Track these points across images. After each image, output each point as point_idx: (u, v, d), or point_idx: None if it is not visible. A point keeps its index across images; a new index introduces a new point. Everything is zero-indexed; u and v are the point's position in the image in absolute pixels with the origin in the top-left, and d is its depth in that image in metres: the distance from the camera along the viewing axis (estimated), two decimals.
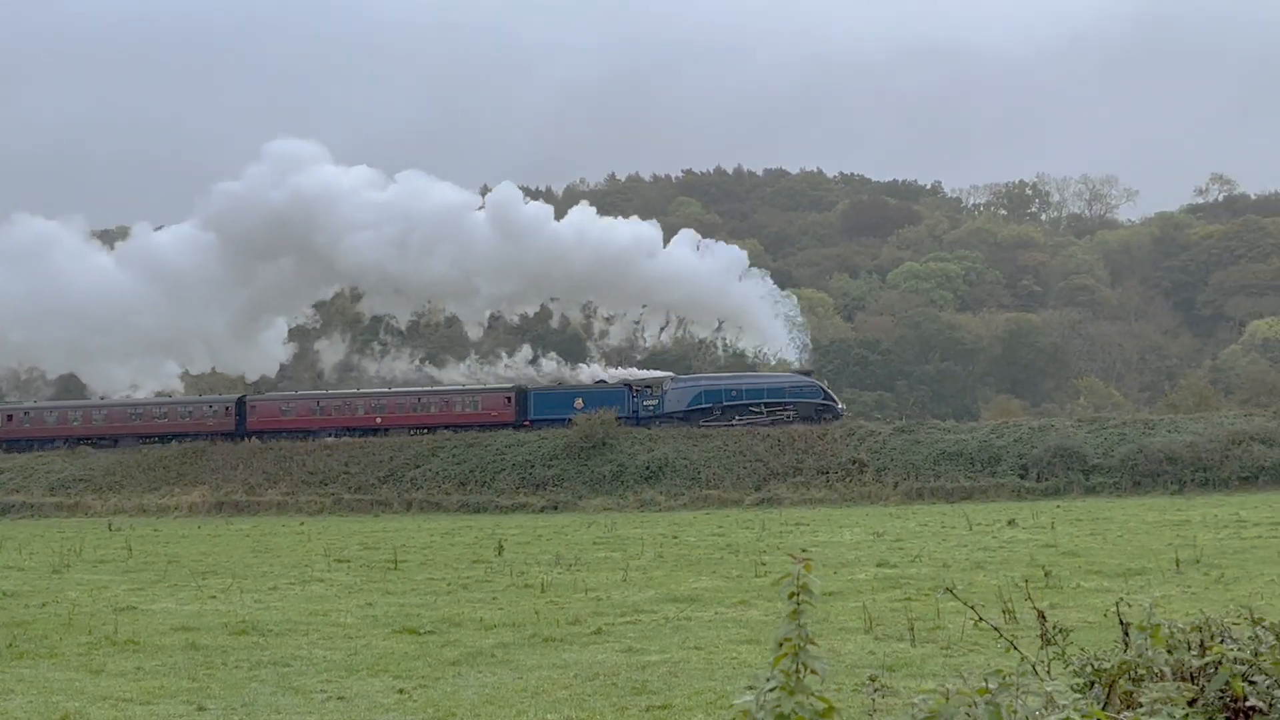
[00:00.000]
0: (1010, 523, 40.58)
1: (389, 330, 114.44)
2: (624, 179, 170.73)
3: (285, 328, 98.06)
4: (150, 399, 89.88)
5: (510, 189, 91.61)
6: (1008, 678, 3.75)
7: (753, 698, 3.71)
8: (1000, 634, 4.55)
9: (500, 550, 33.25)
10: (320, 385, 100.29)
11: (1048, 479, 62.91)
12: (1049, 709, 3.67)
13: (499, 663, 15.85)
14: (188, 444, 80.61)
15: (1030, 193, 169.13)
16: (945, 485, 63.46)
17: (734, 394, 76.20)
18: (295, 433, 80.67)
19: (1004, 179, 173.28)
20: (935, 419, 72.98)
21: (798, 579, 3.91)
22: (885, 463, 66.25)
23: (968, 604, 4.76)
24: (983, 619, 4.68)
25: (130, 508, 70.84)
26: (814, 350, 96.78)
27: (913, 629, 16.53)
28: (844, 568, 27.04)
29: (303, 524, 57.25)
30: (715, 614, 19.93)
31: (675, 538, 39.35)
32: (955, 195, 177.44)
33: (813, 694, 3.69)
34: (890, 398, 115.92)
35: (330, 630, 19.19)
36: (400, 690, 14.07)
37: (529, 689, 13.97)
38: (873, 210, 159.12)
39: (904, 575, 24.82)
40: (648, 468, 68.68)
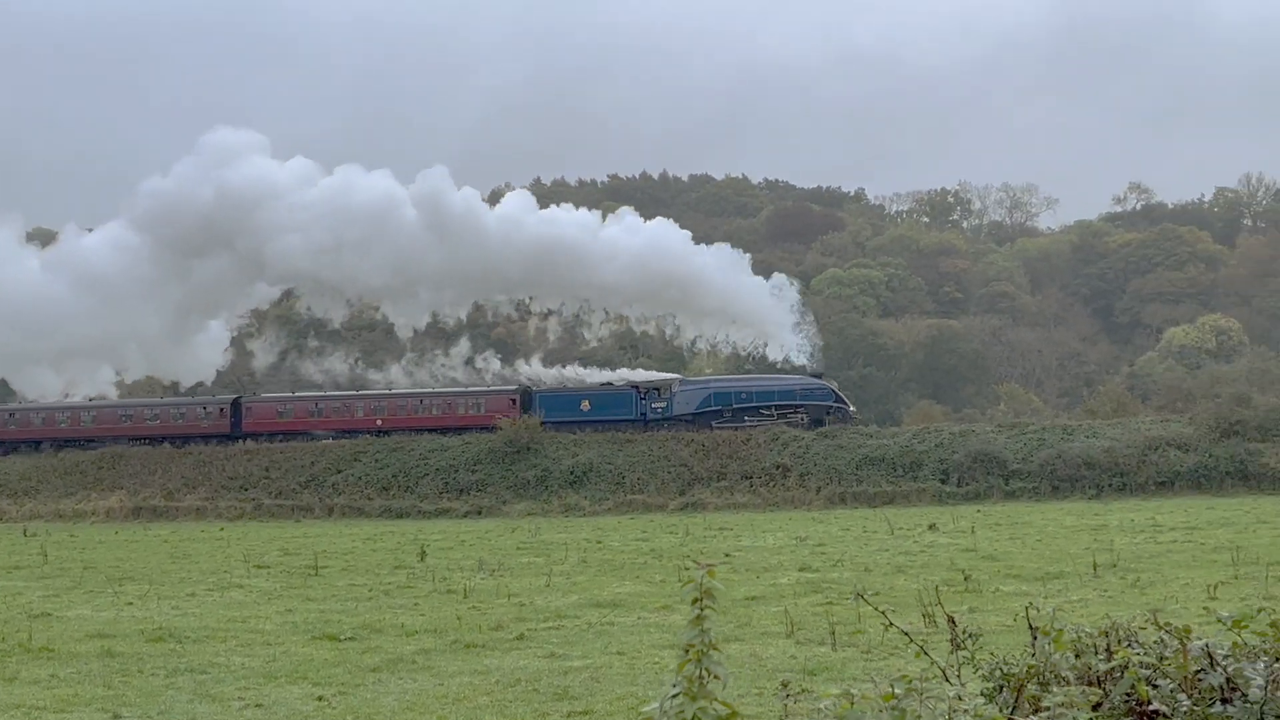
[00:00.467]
0: (931, 527, 40.92)
1: (320, 331, 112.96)
2: (549, 183, 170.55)
3: (222, 330, 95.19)
4: (143, 400, 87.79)
5: (441, 175, 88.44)
6: (914, 683, 3.78)
7: (657, 704, 3.71)
8: (910, 639, 4.57)
9: (423, 556, 33.09)
10: (252, 388, 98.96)
11: (968, 484, 63.54)
12: (953, 714, 3.70)
13: (420, 669, 15.78)
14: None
15: (952, 200, 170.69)
16: (868, 490, 63.89)
17: (744, 396, 75.02)
18: (293, 435, 78.62)
19: (928, 186, 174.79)
20: (859, 424, 73.23)
21: (701, 584, 3.91)
22: (808, 467, 66.58)
23: (879, 609, 4.79)
24: (893, 624, 4.71)
25: (46, 513, 69.65)
26: (740, 356, 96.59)
27: (834, 633, 16.63)
28: (767, 572, 27.17)
29: (222, 530, 56.62)
30: (638, 619, 19.95)
31: (599, 543, 39.34)
32: (879, 202, 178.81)
33: (715, 699, 3.70)
34: None
35: (249, 637, 19.01)
36: (319, 698, 13.97)
37: (450, 695, 13.92)
38: (797, 217, 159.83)
39: (826, 579, 24.98)
40: (572, 472, 68.56)
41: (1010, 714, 3.99)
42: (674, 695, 3.68)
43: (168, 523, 65.31)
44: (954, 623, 5.00)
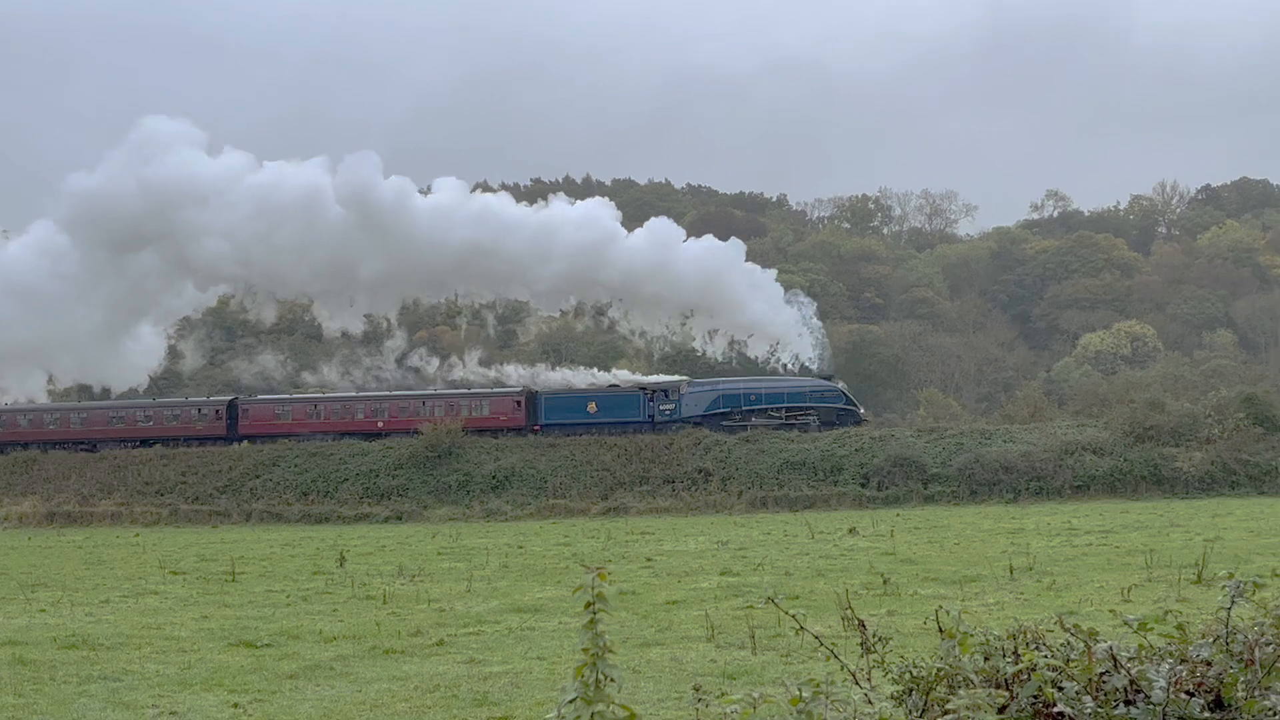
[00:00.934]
0: (851, 531, 41.20)
1: (250, 330, 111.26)
2: (473, 186, 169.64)
3: (155, 332, 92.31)
4: (136, 401, 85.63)
5: (369, 163, 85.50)
6: (820, 686, 3.80)
7: (555, 710, 3.71)
8: (821, 643, 4.60)
9: (342, 561, 32.80)
10: (183, 390, 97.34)
11: (888, 488, 64.09)
12: (859, 717, 3.73)
13: (338, 675, 15.64)
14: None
15: (873, 206, 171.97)
16: (789, 494, 64.25)
17: (753, 398, 74.46)
18: (291, 437, 76.81)
19: (850, 193, 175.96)
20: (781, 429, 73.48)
21: (593, 588, 3.91)
22: (730, 472, 66.83)
23: (790, 613, 4.80)
24: (804, 628, 4.73)
25: None
26: (660, 361, 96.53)
27: (754, 637, 16.68)
28: (688, 576, 27.22)
29: (137, 535, 55.81)
30: (559, 624, 19.90)
31: (521, 547, 39.27)
32: (801, 208, 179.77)
33: (613, 702, 3.70)
34: None
35: (164, 644, 18.75)
36: (235, 705, 13.81)
37: (368, 702, 13.81)
38: (719, 222, 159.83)
39: (746, 583, 25.05)
40: (494, 477, 68.36)
41: (919, 717, 4.02)
42: (571, 700, 3.68)
43: (82, 528, 64.30)
44: (864, 626, 5.03)
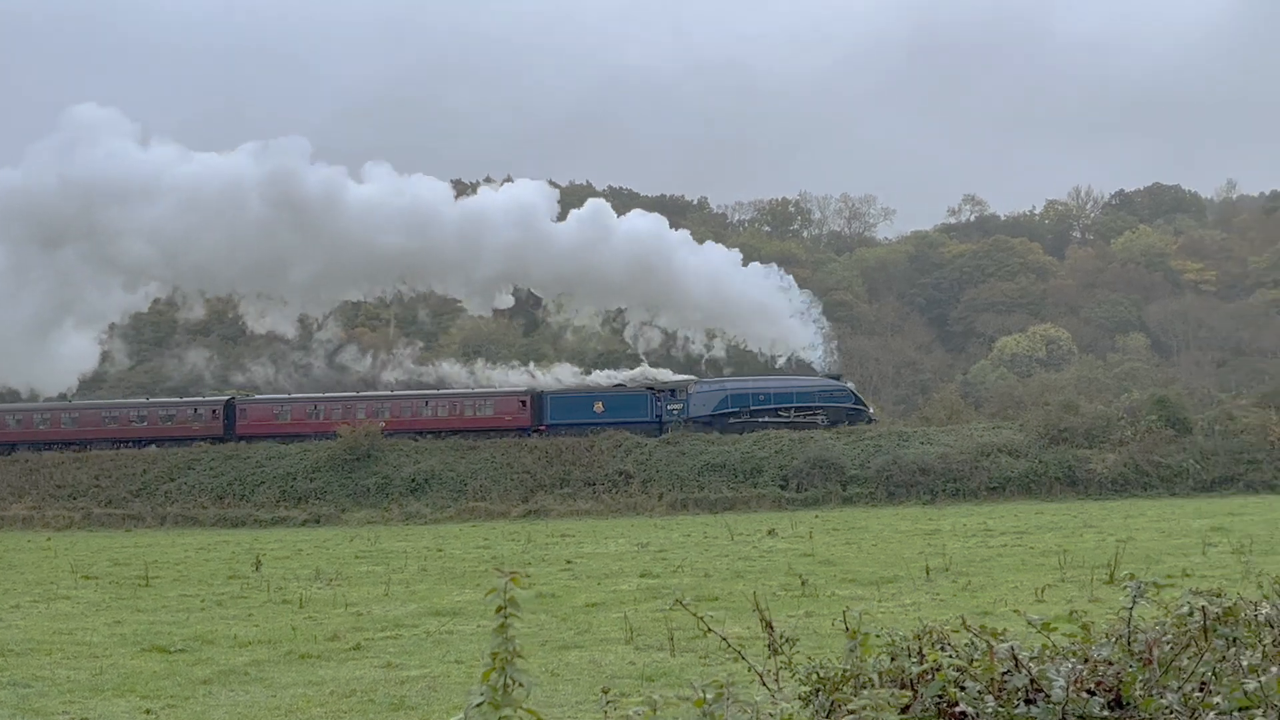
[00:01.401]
0: (770, 532, 41.44)
1: (181, 329, 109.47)
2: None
3: (86, 333, 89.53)
4: (129, 401, 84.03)
5: (295, 150, 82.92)
6: (724, 688, 3.82)
7: (462, 713, 3.71)
8: (728, 644, 4.63)
9: (258, 565, 32.49)
10: (103, 393, 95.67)
11: (807, 489, 64.50)
12: (761, 718, 3.76)
13: (252, 681, 15.49)
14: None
15: (793, 210, 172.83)
16: (709, 496, 64.45)
17: (762, 398, 74.15)
18: (291, 438, 75.27)
19: (772, 196, 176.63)
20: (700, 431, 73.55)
21: (504, 592, 3.91)
22: (651, 474, 66.94)
23: (698, 615, 4.84)
24: (711, 629, 4.76)
25: None
26: (596, 358, 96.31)
27: (673, 639, 16.71)
28: (608, 579, 27.23)
29: (49, 539, 54.88)
30: (478, 627, 19.82)
31: (440, 550, 39.11)
32: (721, 211, 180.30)
33: (521, 706, 3.71)
34: None
35: (75, 649, 18.48)
36: (147, 710, 13.65)
37: (282, 707, 13.70)
38: None
39: (666, 585, 25.08)
40: (413, 480, 68.00)
41: (827, 718, 4.06)
42: (478, 704, 3.68)
43: None
44: (771, 628, 5.07)
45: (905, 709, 4.11)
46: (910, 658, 4.41)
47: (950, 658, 4.40)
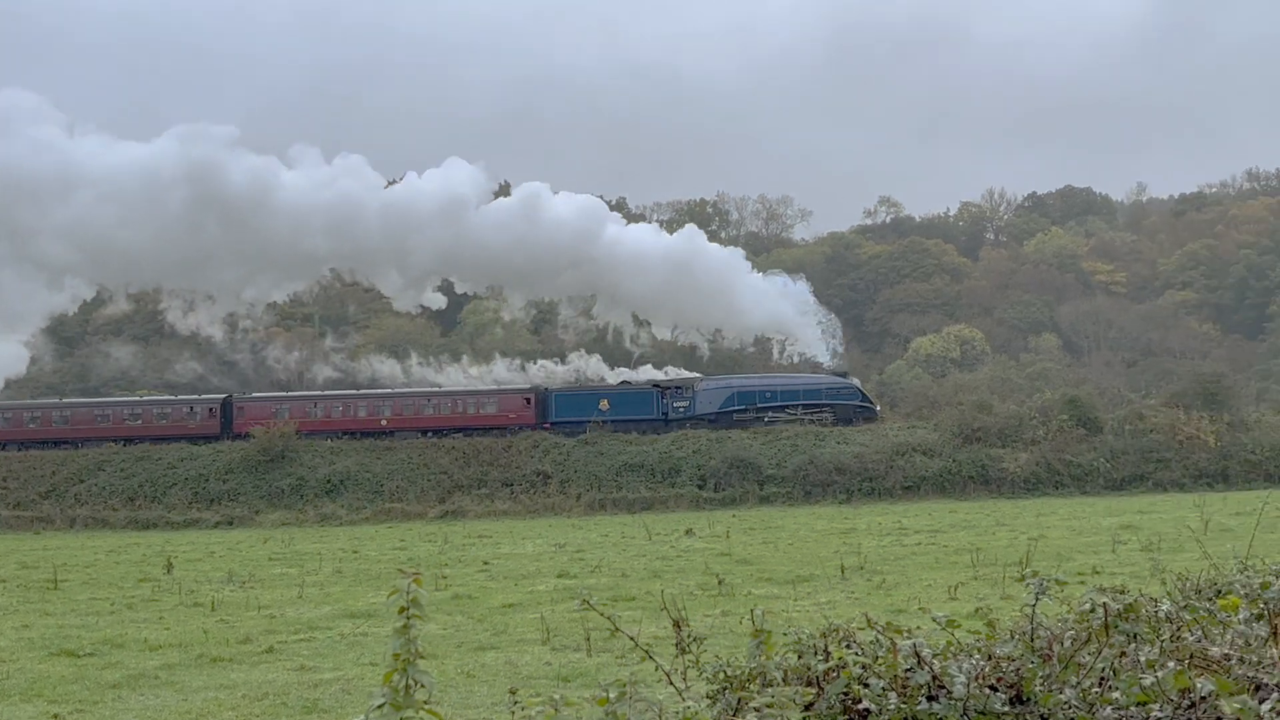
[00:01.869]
0: (688, 532, 41.55)
1: (104, 327, 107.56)
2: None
3: (9, 336, 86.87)
4: (123, 399, 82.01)
5: (220, 138, 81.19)
6: (626, 687, 3.84)
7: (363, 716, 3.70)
8: (635, 643, 4.65)
9: (169, 568, 32.10)
10: (38, 392, 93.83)
11: (725, 489, 64.79)
12: (663, 717, 3.77)
13: (163, 684, 15.31)
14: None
15: (711, 211, 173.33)
16: (627, 496, 64.55)
17: (768, 395, 74.11)
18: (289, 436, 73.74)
19: (690, 197, 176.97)
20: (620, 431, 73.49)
21: (407, 593, 3.91)
22: (569, 474, 66.92)
23: (605, 615, 4.84)
24: (619, 630, 4.77)
25: None
26: (523, 354, 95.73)
27: (589, 639, 16.72)
28: (525, 579, 27.18)
29: None
30: (393, 629, 19.68)
31: (355, 552, 38.86)
32: (640, 211, 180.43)
33: (422, 708, 3.70)
34: None
35: None
36: (55, 715, 13.46)
37: (193, 711, 13.55)
38: None
39: (583, 586, 25.08)
40: (329, 481, 67.47)
41: (733, 716, 4.09)
42: (379, 705, 3.67)
43: None
44: (679, 626, 5.09)
45: (809, 706, 4.14)
46: (816, 655, 4.45)
47: (855, 655, 4.45)
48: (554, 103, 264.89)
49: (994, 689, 4.29)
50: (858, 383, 79.52)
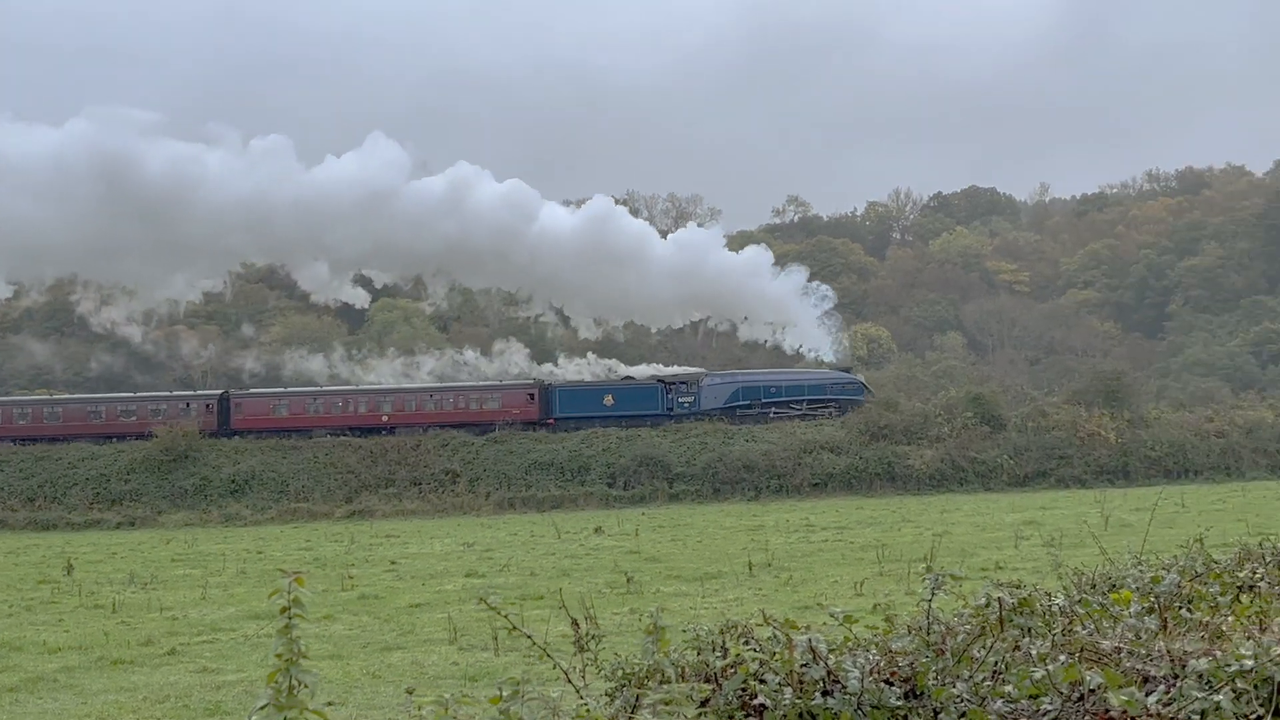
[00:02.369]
0: (597, 530, 41.61)
1: (17, 319, 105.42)
2: None
3: None
4: (117, 395, 79.56)
5: (130, 123, 79.28)
6: (520, 685, 3.85)
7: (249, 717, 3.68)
8: (534, 642, 4.67)
9: (69, 570, 31.54)
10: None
11: (634, 487, 64.94)
12: (558, 715, 3.79)
13: (62, 688, 15.07)
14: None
15: (622, 208, 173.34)
16: (536, 495, 64.46)
17: (773, 390, 73.91)
18: (288, 432, 72.47)
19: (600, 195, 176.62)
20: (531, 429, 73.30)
21: (289, 592, 3.90)
22: (478, 473, 66.71)
23: (501, 613, 4.87)
24: (516, 628, 4.80)
25: None
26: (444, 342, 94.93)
27: (496, 638, 16.67)
28: (432, 579, 27.06)
29: None
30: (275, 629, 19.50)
31: (260, 553, 38.48)
32: None
33: (306, 708, 3.69)
34: None
35: None
36: None
37: (94, 714, 13.36)
38: None
39: (491, 585, 25.02)
40: (233, 481, 66.68)
41: (631, 714, 4.11)
42: (262, 706, 3.65)
43: None
44: (577, 625, 5.12)
45: (705, 702, 4.18)
46: (714, 652, 4.50)
47: (753, 652, 4.49)
48: (471, 100, 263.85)
49: (889, 683, 4.35)
50: (863, 378, 79.82)
